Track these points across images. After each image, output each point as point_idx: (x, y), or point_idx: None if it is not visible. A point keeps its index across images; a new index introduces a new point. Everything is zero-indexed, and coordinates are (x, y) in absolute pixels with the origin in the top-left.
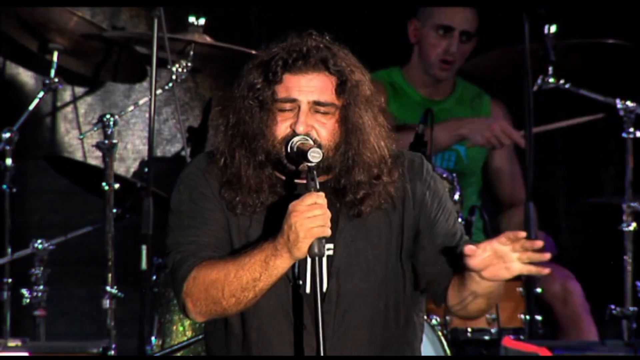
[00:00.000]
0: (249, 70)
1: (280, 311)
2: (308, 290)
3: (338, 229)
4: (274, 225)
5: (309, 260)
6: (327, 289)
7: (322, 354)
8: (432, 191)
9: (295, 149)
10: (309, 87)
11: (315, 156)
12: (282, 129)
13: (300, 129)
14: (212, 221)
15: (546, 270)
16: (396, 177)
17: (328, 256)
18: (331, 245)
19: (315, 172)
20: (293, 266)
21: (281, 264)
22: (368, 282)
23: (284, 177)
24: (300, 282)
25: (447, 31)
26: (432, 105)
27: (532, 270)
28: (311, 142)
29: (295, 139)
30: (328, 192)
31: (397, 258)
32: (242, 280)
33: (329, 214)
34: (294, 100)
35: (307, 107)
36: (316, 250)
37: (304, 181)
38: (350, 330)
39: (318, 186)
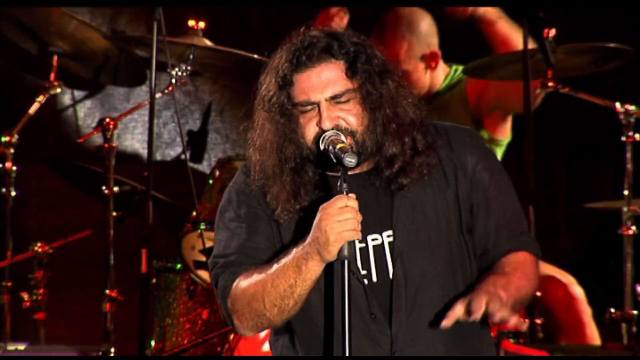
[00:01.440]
0: (260, 81)
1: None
2: (375, 279)
3: (394, 214)
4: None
5: (370, 249)
6: (392, 274)
7: (347, 354)
8: (482, 164)
9: (328, 147)
10: (321, 82)
11: (351, 161)
12: (310, 130)
13: (326, 124)
14: (255, 232)
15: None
16: (436, 146)
17: (389, 242)
18: (390, 232)
19: (347, 174)
20: (355, 257)
21: (313, 267)
22: (434, 263)
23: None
24: (365, 272)
25: None
26: None
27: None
28: (342, 137)
29: (326, 134)
30: (375, 178)
31: (458, 233)
32: (279, 289)
33: (359, 217)
34: (312, 103)
35: (326, 103)
36: (346, 253)
37: (345, 184)
38: (424, 311)
39: (348, 189)
